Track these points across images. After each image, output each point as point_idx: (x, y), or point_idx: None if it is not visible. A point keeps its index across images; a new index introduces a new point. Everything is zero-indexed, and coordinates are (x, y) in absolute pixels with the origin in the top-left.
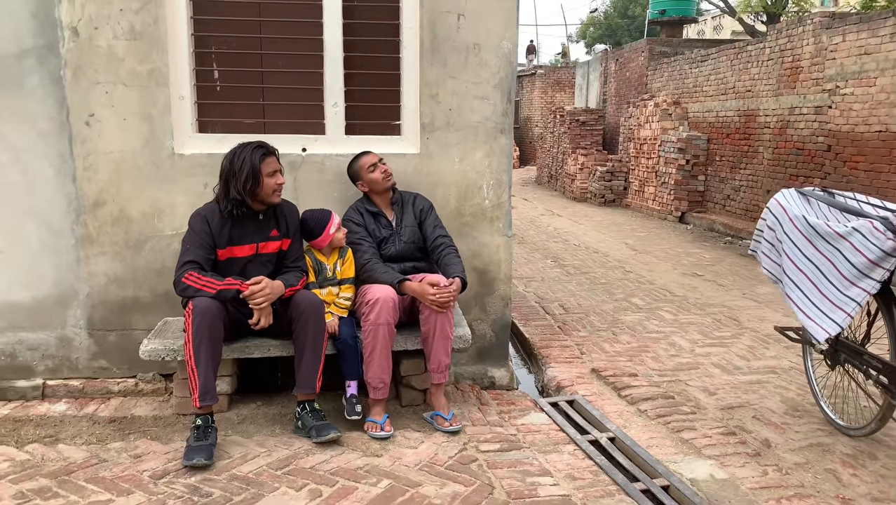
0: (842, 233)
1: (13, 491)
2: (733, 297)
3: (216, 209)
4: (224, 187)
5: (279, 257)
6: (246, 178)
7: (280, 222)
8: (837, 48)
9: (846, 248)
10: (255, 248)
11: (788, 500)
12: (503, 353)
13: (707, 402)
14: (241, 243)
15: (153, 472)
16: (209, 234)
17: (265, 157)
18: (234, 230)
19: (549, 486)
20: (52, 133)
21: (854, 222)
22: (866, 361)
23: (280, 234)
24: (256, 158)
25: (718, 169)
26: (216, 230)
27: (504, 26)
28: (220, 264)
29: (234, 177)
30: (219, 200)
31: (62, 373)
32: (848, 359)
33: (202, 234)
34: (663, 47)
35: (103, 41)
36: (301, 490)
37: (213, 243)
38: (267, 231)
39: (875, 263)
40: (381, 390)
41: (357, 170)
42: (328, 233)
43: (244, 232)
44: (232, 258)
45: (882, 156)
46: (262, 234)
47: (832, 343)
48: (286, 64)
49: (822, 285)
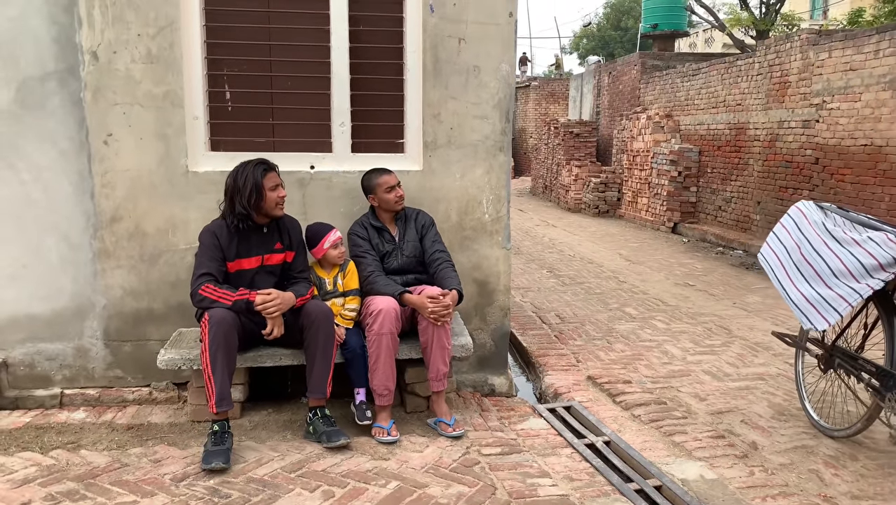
0: (858, 240)
1: (43, 494)
2: (724, 306)
3: (223, 224)
4: (230, 204)
5: (284, 269)
6: (250, 193)
7: (283, 236)
8: (824, 64)
9: (859, 252)
10: (261, 259)
11: (773, 498)
12: (503, 361)
13: (698, 407)
14: (248, 256)
15: (174, 475)
16: (219, 248)
17: (266, 173)
18: (240, 244)
19: (549, 486)
20: (72, 152)
21: (871, 233)
22: (860, 366)
23: (284, 246)
24: (258, 174)
25: (710, 180)
26: (225, 244)
27: (502, 50)
28: (230, 276)
29: (239, 193)
30: (225, 216)
31: (79, 382)
32: (842, 363)
33: (213, 247)
34: (655, 61)
35: (121, 65)
36: (315, 491)
37: (223, 256)
38: (271, 244)
39: (883, 267)
40: (386, 397)
41: (374, 185)
42: (322, 246)
43: (250, 245)
44: (240, 270)
45: (867, 169)
46: (266, 247)
47: (828, 349)
48: (295, 85)
49: (829, 279)
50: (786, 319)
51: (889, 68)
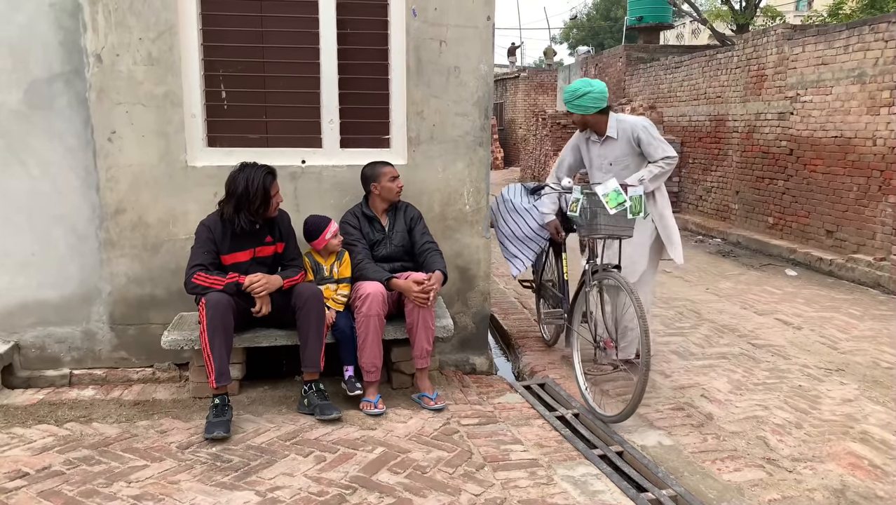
0: (529, 209)
1: (62, 459)
2: (697, 292)
3: (218, 221)
4: (235, 207)
5: (276, 259)
6: (260, 203)
7: (273, 230)
8: (798, 58)
9: (529, 219)
10: (253, 252)
11: (722, 461)
12: (483, 342)
13: (662, 383)
14: (241, 249)
15: (179, 443)
16: (213, 242)
17: (273, 181)
18: (234, 239)
19: (520, 452)
20: (78, 148)
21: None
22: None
23: (274, 239)
24: (268, 183)
25: (691, 171)
26: (219, 239)
27: (481, 51)
28: (226, 269)
29: (248, 200)
30: (222, 214)
31: (87, 363)
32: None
33: (207, 242)
34: (640, 53)
35: (124, 66)
36: (308, 456)
37: (217, 249)
38: (262, 238)
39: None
40: (374, 374)
41: (379, 174)
42: (324, 238)
43: (243, 240)
44: (235, 263)
45: (838, 159)
46: (257, 241)
47: (537, 281)
48: (287, 85)
49: (518, 241)
50: (754, 303)
51: (857, 63)
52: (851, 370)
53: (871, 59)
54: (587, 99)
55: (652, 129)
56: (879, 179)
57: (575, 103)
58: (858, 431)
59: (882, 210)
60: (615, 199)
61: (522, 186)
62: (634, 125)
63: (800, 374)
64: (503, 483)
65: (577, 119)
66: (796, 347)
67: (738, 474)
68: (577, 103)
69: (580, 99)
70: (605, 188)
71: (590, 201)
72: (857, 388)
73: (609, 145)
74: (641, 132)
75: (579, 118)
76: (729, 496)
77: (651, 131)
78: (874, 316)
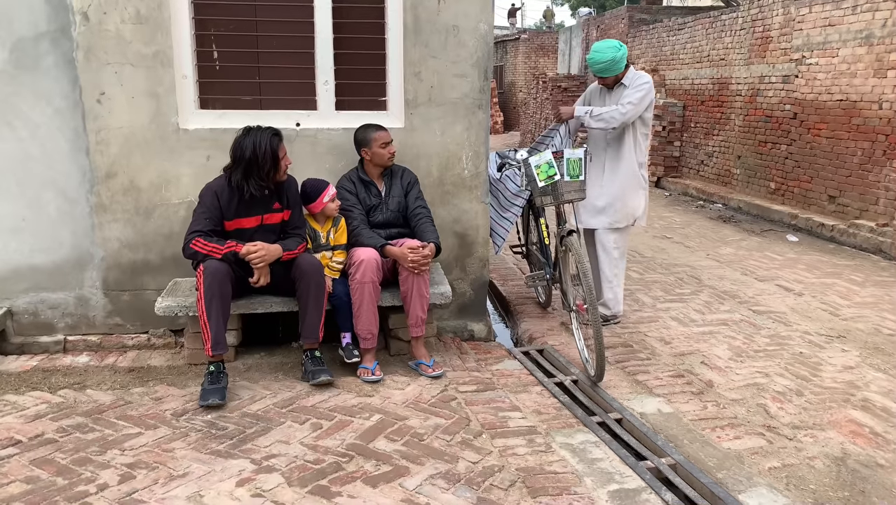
0: (510, 175)
1: (55, 427)
2: (698, 257)
3: (226, 186)
4: (244, 173)
5: (283, 227)
6: (269, 167)
7: (282, 196)
8: (804, 20)
9: (508, 184)
10: (261, 219)
11: (722, 428)
12: (481, 309)
13: (662, 350)
14: (248, 216)
15: (174, 410)
16: (218, 208)
17: (280, 143)
18: (241, 204)
19: (518, 419)
20: (66, 110)
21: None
22: (531, 252)
23: (282, 206)
24: (275, 145)
25: (693, 135)
26: (225, 204)
27: (480, 9)
28: (229, 235)
29: (258, 165)
30: (231, 179)
31: (81, 329)
32: (528, 252)
33: (212, 207)
34: (643, 14)
35: (112, 25)
36: (304, 424)
37: (221, 216)
38: (270, 204)
39: (516, 195)
40: (370, 340)
41: (370, 139)
42: (321, 201)
43: (251, 206)
44: (240, 229)
45: (842, 123)
46: (265, 207)
47: (522, 245)
48: (280, 45)
49: (495, 214)
50: (755, 269)
51: (865, 24)
52: (853, 337)
53: (880, 20)
54: (620, 62)
55: (643, 86)
56: (884, 144)
57: (613, 69)
58: (859, 399)
59: (886, 175)
60: (546, 172)
61: (496, 154)
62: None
63: (801, 340)
64: (501, 450)
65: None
66: (797, 313)
67: (738, 442)
68: (616, 68)
69: (618, 63)
70: (538, 159)
71: (527, 167)
72: (858, 355)
73: (618, 91)
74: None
75: (612, 79)
76: (728, 464)
77: (638, 84)
78: (876, 282)
